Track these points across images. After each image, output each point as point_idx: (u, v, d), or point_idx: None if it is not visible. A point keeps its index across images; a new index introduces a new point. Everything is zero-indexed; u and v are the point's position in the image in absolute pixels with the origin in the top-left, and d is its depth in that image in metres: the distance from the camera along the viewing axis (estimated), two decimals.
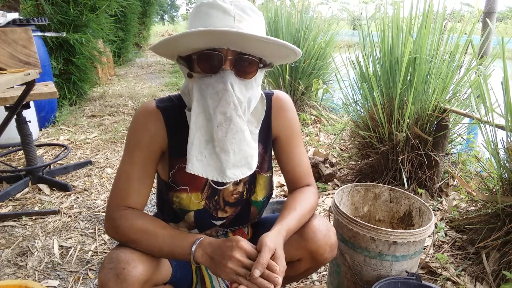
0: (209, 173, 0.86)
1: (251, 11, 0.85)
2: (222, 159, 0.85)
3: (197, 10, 0.85)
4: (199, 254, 0.87)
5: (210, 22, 0.81)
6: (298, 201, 1.03)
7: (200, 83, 0.86)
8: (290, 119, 1.08)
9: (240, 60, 0.85)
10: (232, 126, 0.84)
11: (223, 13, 0.81)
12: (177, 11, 43.58)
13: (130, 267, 0.84)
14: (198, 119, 0.85)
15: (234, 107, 0.84)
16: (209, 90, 0.84)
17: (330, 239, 1.02)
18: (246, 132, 0.87)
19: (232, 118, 0.84)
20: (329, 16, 4.36)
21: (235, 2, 0.83)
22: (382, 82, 2.28)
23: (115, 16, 5.18)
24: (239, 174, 0.87)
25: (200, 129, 0.85)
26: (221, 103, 0.83)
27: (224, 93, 0.83)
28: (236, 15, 0.82)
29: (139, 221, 0.91)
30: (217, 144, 0.84)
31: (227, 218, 1.07)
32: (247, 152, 0.87)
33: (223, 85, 0.83)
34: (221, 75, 0.84)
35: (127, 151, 0.97)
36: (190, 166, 0.85)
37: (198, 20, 0.84)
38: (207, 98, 0.84)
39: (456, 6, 2.35)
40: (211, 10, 0.82)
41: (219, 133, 0.84)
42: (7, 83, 1.26)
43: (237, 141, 0.85)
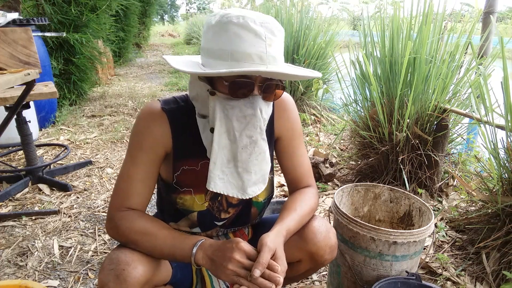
0: (229, 191, 0.89)
1: (278, 32, 0.84)
2: (244, 179, 0.89)
3: (224, 27, 0.81)
4: (200, 256, 0.87)
5: (242, 46, 0.80)
6: (298, 202, 1.03)
7: (224, 103, 0.86)
8: (293, 120, 1.08)
9: (269, 86, 0.87)
10: (257, 149, 0.88)
11: (254, 36, 0.80)
12: (177, 11, 43.58)
13: (130, 268, 0.84)
14: (221, 139, 0.87)
15: (260, 131, 0.87)
16: (235, 112, 0.85)
17: (330, 241, 1.03)
18: (267, 153, 0.91)
19: (257, 141, 0.87)
20: (329, 16, 4.36)
21: (265, 23, 0.81)
22: (382, 82, 2.28)
23: (115, 16, 5.18)
24: (257, 190, 0.92)
25: (223, 149, 0.87)
26: (248, 127, 0.86)
27: (253, 118, 0.86)
28: (267, 39, 0.81)
29: (140, 222, 0.91)
30: (240, 164, 0.88)
31: (228, 219, 1.07)
32: (265, 170, 0.92)
33: (252, 110, 0.86)
34: (251, 100, 0.86)
35: (130, 152, 0.96)
36: (212, 185, 0.88)
37: (227, 40, 0.81)
38: (233, 120, 0.85)
39: (456, 6, 2.35)
40: (242, 32, 0.79)
41: (243, 155, 0.87)
42: (7, 83, 1.26)
43: (259, 162, 0.90)
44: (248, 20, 0.80)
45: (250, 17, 0.81)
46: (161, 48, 13.61)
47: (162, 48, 13.63)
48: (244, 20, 0.80)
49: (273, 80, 0.86)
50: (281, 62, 0.86)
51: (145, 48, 11.92)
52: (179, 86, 5.96)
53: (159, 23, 33.44)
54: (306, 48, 3.82)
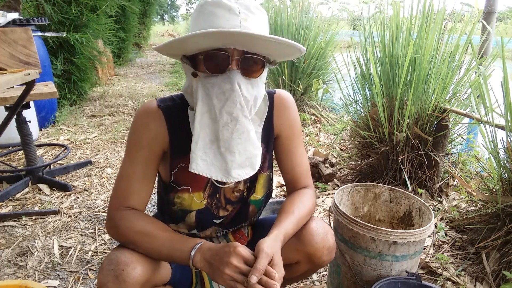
0: (213, 173, 0.85)
1: (256, 9, 0.84)
2: (227, 159, 0.85)
3: (201, 9, 0.84)
4: (198, 259, 0.87)
5: (216, 22, 0.81)
6: (296, 204, 1.02)
7: (205, 82, 0.85)
8: (292, 119, 1.07)
9: (247, 60, 0.85)
10: (238, 127, 0.84)
11: (228, 11, 0.81)
12: (177, 11, 43.57)
13: (129, 269, 0.84)
14: (203, 119, 0.84)
15: (240, 107, 0.83)
16: (215, 89, 0.83)
17: (327, 242, 1.02)
18: (252, 132, 0.86)
19: (238, 118, 0.83)
20: (329, 16, 4.36)
21: (240, 0, 0.82)
22: (383, 82, 2.28)
23: (115, 16, 5.18)
24: (243, 174, 0.87)
25: (205, 129, 0.85)
26: (228, 103, 0.83)
27: (231, 93, 0.83)
28: (242, 13, 0.81)
29: (139, 223, 0.91)
30: (223, 144, 0.84)
31: (227, 217, 1.07)
32: (252, 152, 0.87)
33: (230, 85, 0.83)
34: (228, 75, 0.84)
35: (128, 151, 0.96)
36: (194, 166, 0.84)
37: (203, 19, 0.83)
38: (213, 98, 0.83)
39: (456, 6, 2.35)
40: (216, 9, 0.81)
41: (224, 133, 0.83)
42: (7, 83, 1.26)
43: (243, 141, 0.85)
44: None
45: None
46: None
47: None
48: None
49: (252, 54, 0.85)
50: None
51: (145, 48, 11.92)
52: (179, 86, 5.96)
53: (159, 23, 33.42)
54: (306, 48, 3.82)
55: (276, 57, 0.92)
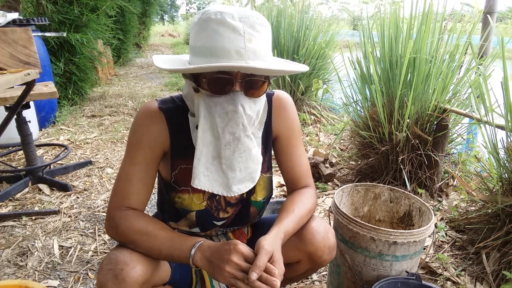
0: (214, 188, 0.88)
1: (260, 26, 0.83)
2: (229, 176, 0.87)
3: (203, 24, 0.82)
4: (198, 257, 0.87)
5: (219, 42, 0.79)
6: (296, 203, 1.03)
7: (208, 100, 0.85)
8: (291, 119, 1.07)
9: (250, 82, 0.85)
10: (240, 146, 0.86)
11: (232, 31, 0.79)
12: (177, 11, 43.57)
13: (128, 268, 0.84)
14: (205, 136, 0.86)
15: (243, 128, 0.85)
16: (217, 109, 0.85)
17: (328, 241, 1.02)
18: (253, 150, 0.89)
19: (240, 138, 0.86)
20: (329, 16, 4.36)
21: (244, 18, 0.80)
22: (382, 82, 2.28)
23: (115, 16, 5.18)
24: (243, 188, 0.90)
25: (207, 146, 0.86)
26: (230, 124, 0.85)
27: (234, 114, 0.84)
28: (246, 33, 0.80)
29: (139, 222, 0.91)
30: (224, 161, 0.87)
31: (228, 218, 1.07)
32: (252, 168, 0.90)
33: (233, 106, 0.84)
34: (232, 96, 0.84)
35: (128, 151, 0.96)
36: (197, 182, 0.87)
37: (205, 36, 0.81)
38: (215, 117, 0.85)
39: (456, 6, 2.35)
40: (219, 28, 0.79)
41: (226, 151, 0.86)
42: (7, 83, 1.26)
43: (244, 159, 0.88)
44: (226, 15, 0.80)
45: (228, 13, 0.80)
46: (161, 48, 13.61)
47: (162, 48, 13.63)
48: (221, 16, 0.80)
49: (255, 75, 0.85)
50: (266, 57, 0.84)
51: (145, 48, 11.92)
52: (179, 86, 5.96)
53: (159, 23, 33.43)
54: (306, 48, 3.82)
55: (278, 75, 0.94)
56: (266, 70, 0.80)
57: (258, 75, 0.85)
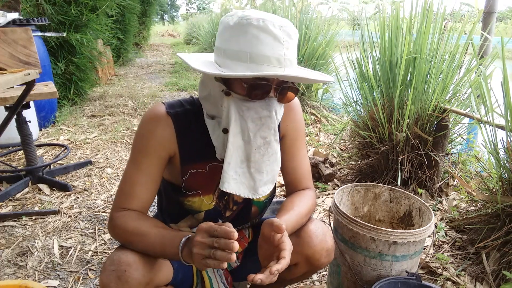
0: (241, 191, 0.90)
1: (294, 35, 0.85)
2: (256, 179, 0.90)
3: (243, 28, 0.82)
4: (186, 252, 0.83)
5: (260, 49, 0.80)
6: (295, 204, 1.03)
7: (240, 104, 0.86)
8: (297, 121, 1.09)
9: (285, 89, 0.88)
10: (269, 150, 0.90)
11: (273, 39, 0.81)
12: (177, 11, 43.57)
13: (131, 270, 0.84)
14: (236, 140, 0.87)
15: (273, 133, 0.89)
16: (251, 113, 0.86)
17: (326, 244, 1.02)
18: (279, 154, 0.93)
19: (270, 142, 0.89)
20: (329, 16, 4.36)
21: (283, 27, 0.82)
22: (382, 82, 2.28)
23: (115, 16, 5.18)
24: (266, 190, 0.93)
25: (237, 150, 0.88)
26: (263, 128, 0.88)
27: (268, 119, 0.88)
28: (285, 42, 0.82)
29: (133, 223, 0.91)
30: (253, 165, 0.89)
31: (229, 217, 1.07)
32: (276, 170, 0.94)
33: (268, 112, 0.87)
34: (267, 102, 0.88)
35: (134, 155, 0.96)
36: (226, 185, 0.88)
37: (245, 41, 0.81)
38: (248, 121, 0.87)
39: (456, 6, 2.34)
40: (261, 34, 0.80)
41: (257, 155, 0.88)
42: (7, 83, 1.26)
43: (271, 162, 0.91)
44: (268, 23, 0.81)
45: (270, 20, 0.81)
46: (161, 48, 13.61)
47: (162, 48, 13.63)
48: (264, 23, 0.81)
49: (289, 83, 0.87)
50: (295, 65, 0.87)
51: (145, 48, 11.92)
52: (179, 86, 5.96)
53: (159, 23, 33.43)
54: (306, 48, 3.82)
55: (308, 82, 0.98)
56: (302, 78, 0.83)
57: (290, 82, 0.88)
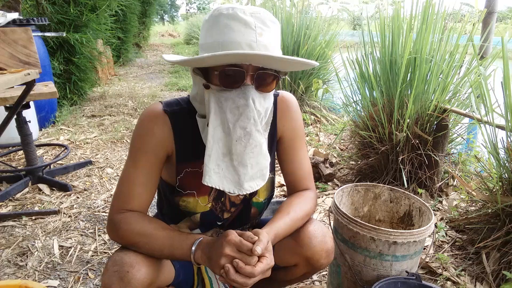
0: (225, 186, 0.86)
1: (271, 22, 0.84)
2: (240, 173, 0.86)
3: (215, 20, 0.83)
4: (199, 255, 0.87)
5: (231, 36, 0.80)
6: (293, 206, 1.02)
7: (218, 95, 0.85)
8: (295, 121, 1.08)
9: (262, 75, 0.85)
10: (251, 141, 0.85)
11: (244, 26, 0.80)
12: (177, 11, 43.57)
13: (134, 270, 0.84)
14: (216, 132, 0.85)
15: (254, 122, 0.84)
16: (228, 103, 0.84)
17: (326, 245, 1.01)
18: (264, 145, 0.88)
19: (251, 133, 0.84)
20: (329, 16, 4.36)
21: (255, 13, 0.82)
22: (382, 82, 2.28)
23: (115, 16, 5.18)
24: (254, 186, 0.88)
25: (218, 142, 0.85)
26: (242, 118, 0.84)
27: (245, 108, 0.84)
28: (257, 28, 0.81)
29: (138, 224, 0.91)
30: (235, 158, 0.85)
31: (229, 218, 1.07)
32: (263, 164, 0.89)
33: (245, 100, 0.84)
34: (243, 90, 0.84)
35: (132, 155, 0.96)
36: (207, 179, 0.85)
37: (218, 31, 0.82)
38: (226, 112, 0.84)
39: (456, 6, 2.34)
40: (231, 22, 0.80)
41: (238, 147, 0.84)
42: (7, 83, 1.26)
43: (255, 155, 0.86)
44: (237, 10, 0.81)
45: (240, 8, 0.81)
46: (161, 48, 13.61)
47: (162, 48, 13.63)
48: (233, 11, 0.81)
49: (266, 69, 0.85)
50: (276, 52, 0.85)
51: (145, 48, 11.91)
52: (179, 86, 5.96)
53: (159, 23, 33.44)
54: (307, 48, 3.82)
55: (290, 70, 0.94)
56: (277, 58, 0.79)
57: (269, 70, 0.85)
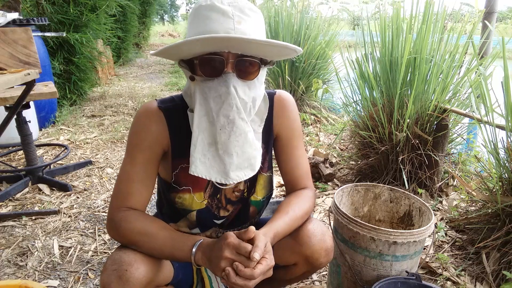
0: (212, 175, 0.87)
1: (250, 11, 0.84)
2: (226, 162, 0.86)
3: (195, 12, 0.85)
4: (199, 257, 0.87)
5: (210, 26, 0.82)
6: (292, 205, 1.02)
7: (202, 86, 0.86)
8: (292, 120, 1.07)
9: (242, 62, 0.86)
10: (235, 129, 0.85)
11: (222, 15, 0.81)
12: (177, 11, 43.57)
13: (132, 269, 0.84)
14: (201, 122, 0.86)
15: (237, 110, 0.84)
16: (211, 93, 0.85)
17: (325, 244, 1.01)
18: (250, 134, 0.87)
19: (235, 121, 0.85)
20: (329, 16, 4.36)
21: (233, 3, 0.83)
22: (382, 82, 2.28)
23: (114, 16, 5.18)
24: (242, 175, 0.88)
25: (203, 132, 0.86)
26: (224, 106, 0.84)
27: (227, 96, 0.84)
28: (235, 16, 0.82)
29: (140, 223, 0.91)
30: (220, 146, 0.85)
31: (228, 217, 1.07)
32: (250, 153, 0.88)
33: (226, 88, 0.84)
34: (224, 78, 0.85)
35: (129, 152, 0.96)
36: (193, 168, 0.86)
37: (198, 23, 0.84)
38: (210, 101, 0.85)
39: (456, 6, 2.34)
40: (210, 13, 0.82)
41: (222, 136, 0.85)
42: (7, 83, 1.26)
43: (240, 143, 0.86)
44: (215, 1, 0.83)
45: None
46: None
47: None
48: (211, 1, 0.83)
49: (246, 56, 0.85)
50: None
51: (145, 48, 11.91)
52: (179, 86, 5.96)
53: (159, 23, 33.42)
54: (307, 48, 3.82)
55: (273, 58, 0.93)
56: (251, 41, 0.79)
57: (250, 57, 0.86)
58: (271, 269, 0.85)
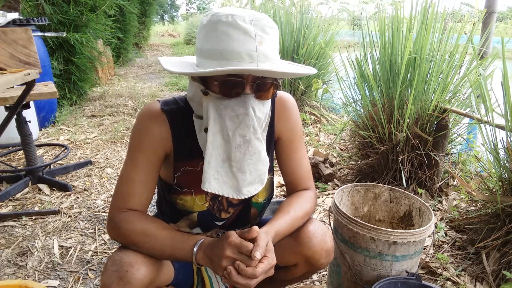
0: (225, 191, 0.88)
1: (270, 29, 0.83)
2: (239, 179, 0.88)
3: (213, 26, 0.81)
4: (200, 256, 0.88)
5: (230, 45, 0.79)
6: (293, 205, 1.02)
7: (217, 103, 0.85)
8: (293, 121, 1.07)
9: (261, 85, 0.86)
10: (250, 149, 0.87)
11: (244, 34, 0.79)
12: (177, 11, 43.56)
13: (133, 270, 0.84)
14: (215, 139, 0.86)
15: (253, 131, 0.86)
16: (228, 111, 0.85)
17: (325, 244, 1.01)
18: (263, 152, 0.89)
19: (250, 141, 0.86)
20: (329, 16, 4.36)
21: (255, 21, 0.80)
22: (382, 82, 2.28)
23: (114, 16, 5.18)
24: (253, 190, 0.90)
25: (217, 149, 0.86)
26: (241, 126, 0.85)
27: (245, 117, 0.85)
28: (257, 36, 0.80)
29: (140, 224, 0.91)
30: (235, 164, 0.87)
31: (228, 219, 1.07)
32: (261, 170, 0.90)
33: (244, 109, 0.85)
34: (242, 99, 0.85)
35: (130, 153, 0.96)
36: (207, 185, 0.87)
37: (216, 38, 0.81)
38: (226, 119, 0.85)
39: (456, 6, 2.35)
40: (230, 30, 0.79)
41: (237, 154, 0.86)
42: (7, 83, 1.26)
43: (254, 161, 0.88)
44: (237, 18, 0.79)
45: (239, 15, 0.80)
46: (161, 48, 13.60)
47: (162, 48, 13.62)
48: (233, 18, 0.79)
49: (266, 78, 0.85)
50: (275, 59, 0.85)
51: (145, 48, 11.91)
52: (179, 86, 5.96)
53: (159, 23, 33.42)
54: (306, 48, 3.82)
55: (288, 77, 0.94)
56: (279, 73, 0.81)
57: (268, 78, 0.86)
58: (273, 268, 0.86)
